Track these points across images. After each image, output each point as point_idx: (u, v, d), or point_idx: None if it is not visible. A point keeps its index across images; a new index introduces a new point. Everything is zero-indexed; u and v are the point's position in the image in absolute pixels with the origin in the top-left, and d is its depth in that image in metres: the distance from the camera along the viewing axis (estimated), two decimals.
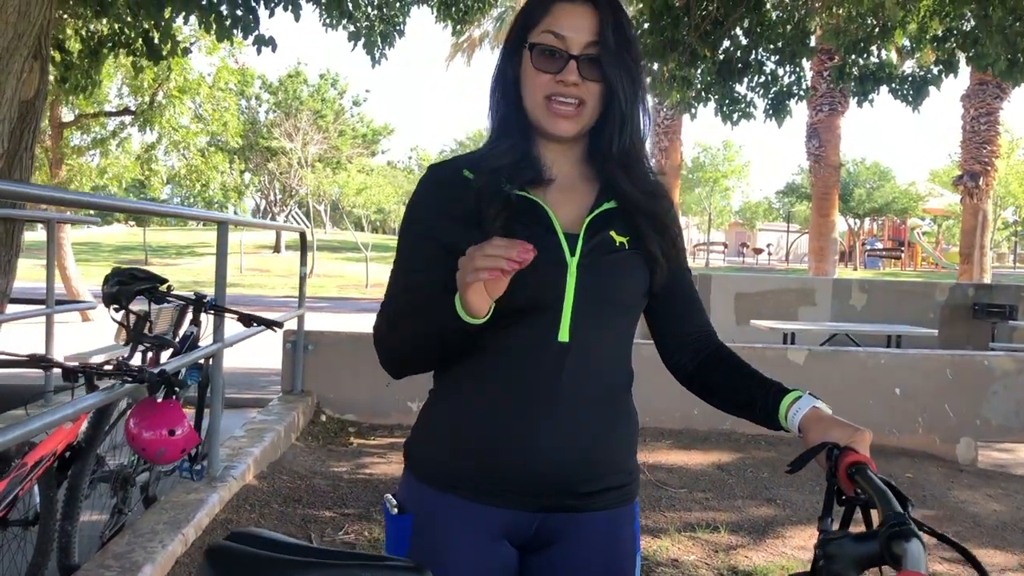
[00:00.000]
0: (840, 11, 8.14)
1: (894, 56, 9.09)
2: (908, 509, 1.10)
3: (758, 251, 40.47)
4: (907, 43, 8.17)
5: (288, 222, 34.81)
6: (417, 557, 1.36)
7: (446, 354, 1.35)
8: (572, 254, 1.34)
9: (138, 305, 3.94)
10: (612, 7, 1.36)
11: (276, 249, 34.42)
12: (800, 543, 4.14)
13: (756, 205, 53.09)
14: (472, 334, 1.26)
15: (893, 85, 8.33)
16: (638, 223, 1.41)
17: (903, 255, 36.25)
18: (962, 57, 7.56)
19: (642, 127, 1.44)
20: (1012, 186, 40.27)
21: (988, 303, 11.06)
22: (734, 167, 45.88)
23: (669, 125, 21.81)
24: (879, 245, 38.64)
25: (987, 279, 21.84)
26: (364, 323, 11.74)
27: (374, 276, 25.32)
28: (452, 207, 1.36)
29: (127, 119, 15.76)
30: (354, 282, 25.63)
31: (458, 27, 9.11)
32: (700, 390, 1.51)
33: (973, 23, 7.02)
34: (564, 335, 1.34)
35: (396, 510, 1.41)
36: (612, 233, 1.39)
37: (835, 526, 1.20)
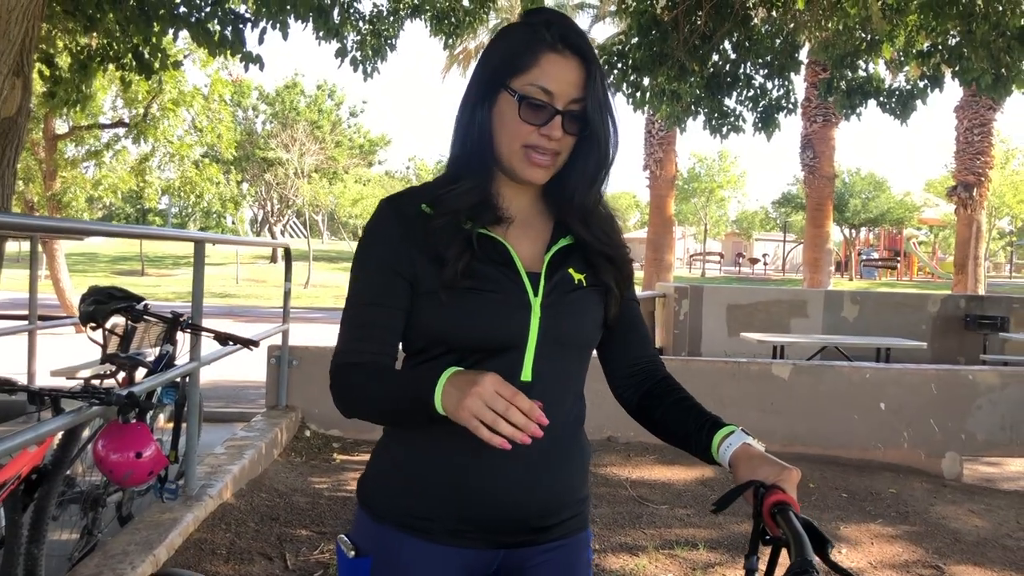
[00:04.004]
0: (829, 25, 8.16)
1: (883, 70, 9.10)
2: (828, 551, 1.11)
3: (754, 261, 40.50)
4: (900, 56, 8.19)
5: (285, 233, 34.86)
6: None
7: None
8: (535, 294, 1.35)
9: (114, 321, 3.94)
10: (595, 59, 1.36)
11: (273, 260, 34.44)
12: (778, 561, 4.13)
13: (753, 215, 53.13)
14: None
15: (881, 99, 8.35)
16: (593, 258, 1.43)
17: (899, 265, 36.30)
18: (948, 72, 7.58)
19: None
20: (1007, 196, 40.30)
21: (980, 315, 11.06)
22: (729, 177, 45.92)
23: (663, 137, 21.86)
24: (875, 255, 38.67)
25: (981, 289, 21.87)
26: None
27: None
28: (412, 241, 1.35)
29: (121, 131, 15.78)
30: None
31: (450, 40, 9.14)
32: (643, 421, 1.52)
33: (958, 38, 7.04)
34: (527, 375, 1.35)
35: (352, 553, 1.40)
36: (571, 271, 1.40)
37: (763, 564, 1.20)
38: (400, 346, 1.40)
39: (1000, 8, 6.47)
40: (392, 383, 1.31)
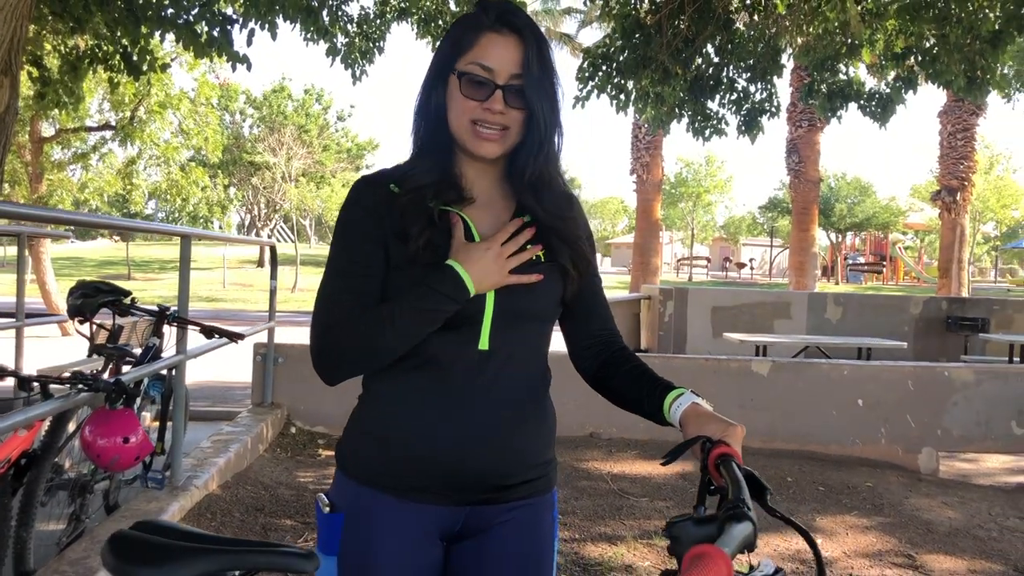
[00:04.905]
0: (809, 29, 8.29)
1: (863, 73, 9.23)
2: (766, 498, 1.19)
3: (741, 265, 40.72)
4: (881, 60, 8.32)
5: (272, 237, 34.81)
6: (347, 553, 1.44)
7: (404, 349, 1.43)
8: None
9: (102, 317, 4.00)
10: (536, 36, 1.45)
11: (260, 264, 34.42)
12: (762, 557, 4.21)
13: (740, 220, 53.41)
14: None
15: (861, 102, 8.47)
16: (550, 239, 1.51)
17: (885, 270, 36.55)
18: (923, 74, 7.71)
19: (557, 150, 1.53)
20: (991, 201, 40.68)
21: (961, 316, 11.21)
22: (716, 182, 46.16)
23: (650, 141, 22.00)
24: (861, 259, 38.93)
25: (965, 293, 22.08)
26: None
27: None
28: (384, 217, 1.44)
29: (108, 134, 15.80)
30: None
31: (438, 43, 9.22)
32: (600, 389, 1.61)
33: (933, 42, 7.17)
34: (484, 344, 1.44)
35: (328, 508, 1.48)
36: (528, 246, 1.48)
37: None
38: None
39: (973, 12, 6.59)
40: (393, 306, 1.39)
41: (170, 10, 6.55)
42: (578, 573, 3.80)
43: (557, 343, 1.61)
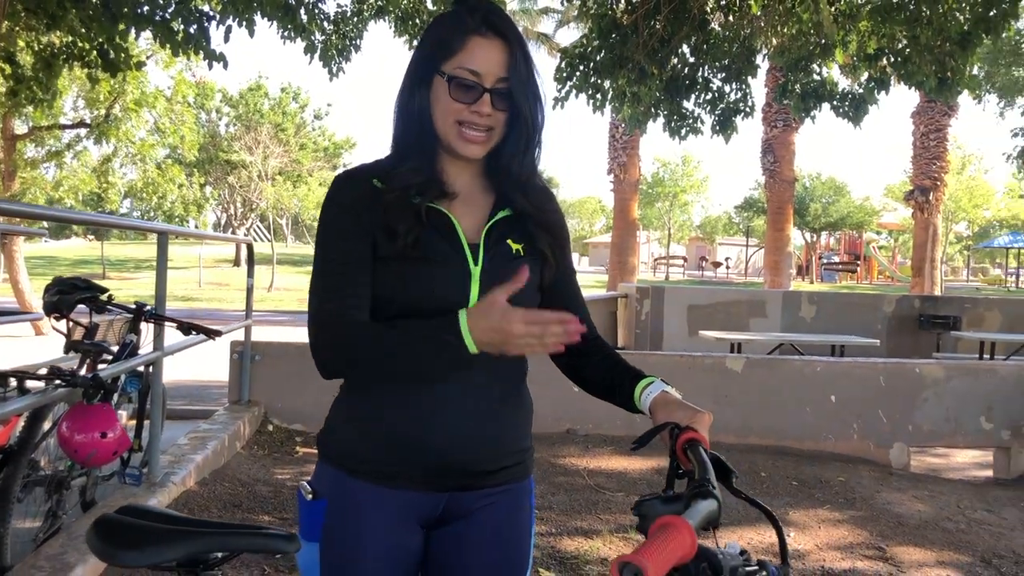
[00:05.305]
0: (784, 30, 8.38)
1: (836, 74, 9.34)
2: (732, 480, 1.24)
3: (717, 265, 40.96)
4: (855, 61, 8.42)
5: (250, 236, 34.64)
6: (329, 539, 1.48)
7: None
8: (475, 263, 1.49)
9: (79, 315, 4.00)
10: (519, 40, 1.50)
11: (236, 263, 34.24)
12: (729, 540, 4.28)
13: (716, 220, 53.74)
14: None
15: (835, 102, 8.58)
16: (530, 228, 1.56)
17: (859, 269, 36.89)
18: (895, 75, 7.82)
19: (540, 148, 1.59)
20: (963, 201, 41.17)
21: (933, 314, 11.36)
22: (693, 182, 46.42)
23: (627, 141, 22.10)
24: (836, 259, 39.26)
25: (938, 291, 22.35)
26: None
27: None
28: (368, 210, 1.47)
29: (83, 131, 15.68)
30: None
31: (415, 42, 9.23)
32: (575, 378, 1.66)
33: (905, 43, 7.28)
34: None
35: (310, 496, 1.51)
36: (509, 241, 1.54)
37: None
38: None
39: (942, 14, 6.70)
40: (399, 332, 1.40)
41: (146, 7, 6.53)
42: (554, 566, 3.85)
43: None
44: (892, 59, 7.43)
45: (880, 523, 4.81)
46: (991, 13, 6.59)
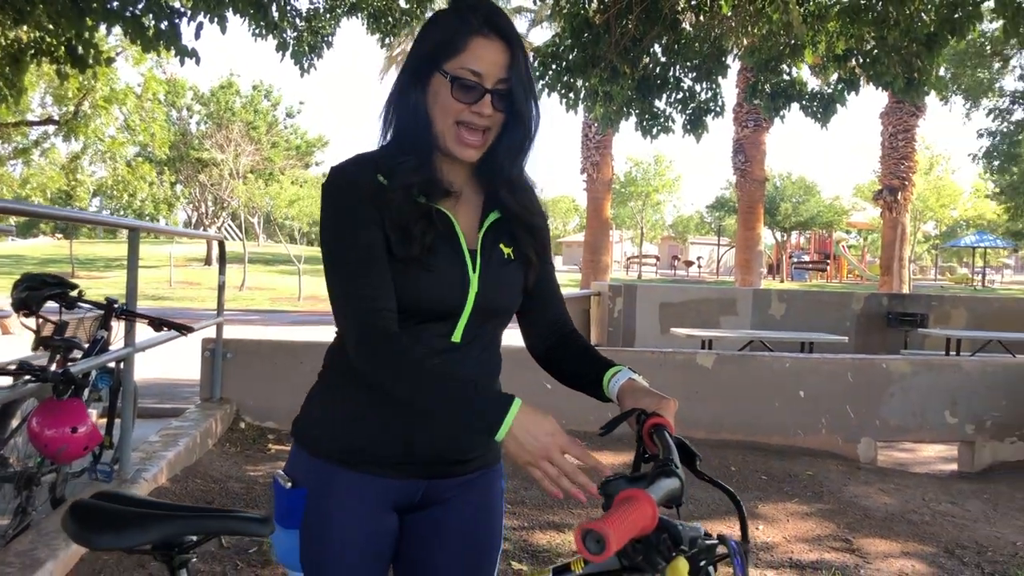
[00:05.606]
0: (754, 30, 8.47)
1: (806, 74, 9.45)
2: (696, 463, 1.28)
3: (689, 264, 41.22)
4: (824, 61, 8.52)
5: (221, 234, 34.32)
6: (309, 527, 1.50)
7: None
8: (474, 270, 1.52)
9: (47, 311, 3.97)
10: (519, 41, 1.52)
11: (207, 262, 33.96)
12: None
13: (688, 219, 54.08)
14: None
15: (804, 102, 8.68)
16: (517, 231, 1.60)
17: (829, 268, 37.29)
18: (863, 76, 7.92)
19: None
20: (931, 201, 41.71)
21: (901, 312, 11.51)
22: (665, 181, 46.67)
23: (600, 140, 22.20)
24: (806, 258, 39.66)
25: (906, 290, 22.64)
26: (293, 335, 11.72)
27: (307, 289, 25.15)
28: (376, 203, 1.47)
29: (51, 128, 15.52)
30: (286, 295, 25.41)
31: (387, 40, 9.24)
32: (549, 369, 1.71)
33: (873, 44, 7.38)
34: (457, 337, 1.52)
35: (290, 484, 1.53)
36: (501, 246, 1.58)
37: None
38: None
39: (909, 15, 6.80)
40: (450, 383, 1.37)
41: (116, 2, 6.48)
42: (527, 559, 3.88)
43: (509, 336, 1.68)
44: (860, 60, 7.53)
45: (847, 516, 4.89)
46: (956, 15, 6.71)
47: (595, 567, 1.21)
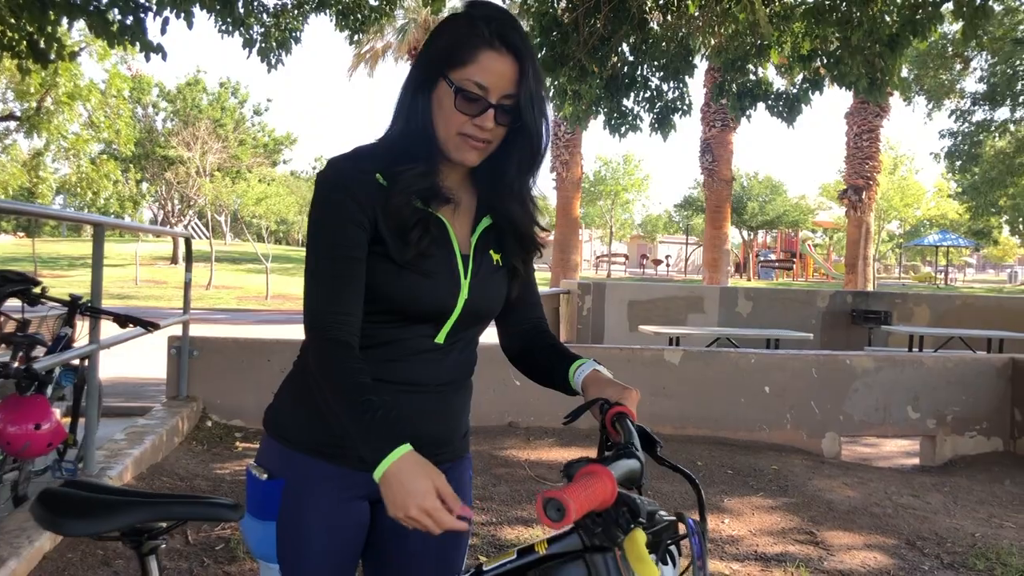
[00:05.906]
0: (720, 30, 8.55)
1: (772, 74, 9.55)
2: (657, 450, 1.31)
3: (658, 262, 41.45)
4: (790, 62, 8.62)
5: (188, 231, 33.98)
6: (285, 517, 1.51)
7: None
8: (465, 276, 1.54)
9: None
10: (531, 55, 1.49)
11: (173, 260, 33.62)
12: None
13: (656, 218, 54.38)
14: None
15: (770, 102, 8.77)
16: (506, 239, 1.61)
17: (795, 266, 37.68)
18: (828, 76, 8.03)
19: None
20: (895, 200, 42.29)
21: (865, 309, 11.67)
22: (634, 181, 46.91)
23: (569, 139, 22.25)
24: (772, 257, 40.05)
25: (870, 288, 22.94)
26: (260, 333, 11.69)
27: (275, 288, 24.99)
28: (372, 202, 1.46)
29: (12, 125, 15.29)
30: (254, 294, 25.23)
31: (356, 36, 9.21)
32: (520, 367, 1.73)
33: (837, 44, 7.48)
34: (441, 339, 1.55)
35: (266, 476, 1.53)
36: (491, 252, 1.60)
37: None
38: None
39: (873, 16, 6.90)
40: (362, 407, 1.36)
41: None
42: (494, 554, 3.89)
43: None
44: (825, 60, 7.63)
45: (811, 509, 4.96)
46: (918, 16, 6.82)
47: (558, 547, 1.23)
